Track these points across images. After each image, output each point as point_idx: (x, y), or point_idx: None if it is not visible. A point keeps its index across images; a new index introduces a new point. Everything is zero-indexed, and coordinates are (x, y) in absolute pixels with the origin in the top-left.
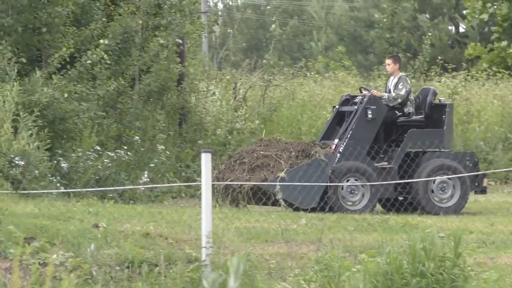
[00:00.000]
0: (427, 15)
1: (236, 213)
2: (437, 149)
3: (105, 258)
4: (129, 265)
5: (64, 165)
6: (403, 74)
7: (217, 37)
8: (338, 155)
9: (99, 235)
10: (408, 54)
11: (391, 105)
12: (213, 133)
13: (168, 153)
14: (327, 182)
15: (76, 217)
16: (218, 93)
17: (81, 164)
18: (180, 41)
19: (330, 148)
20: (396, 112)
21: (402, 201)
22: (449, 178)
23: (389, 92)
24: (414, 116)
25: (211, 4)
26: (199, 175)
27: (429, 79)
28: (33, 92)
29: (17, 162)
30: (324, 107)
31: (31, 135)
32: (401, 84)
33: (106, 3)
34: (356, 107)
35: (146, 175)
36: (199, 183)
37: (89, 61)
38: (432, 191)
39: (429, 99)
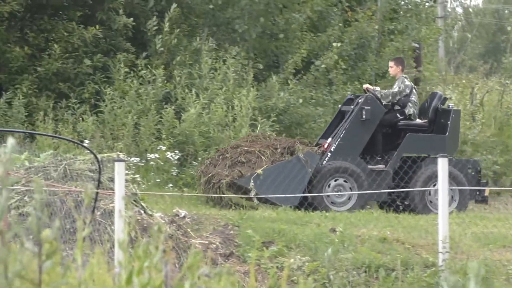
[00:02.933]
0: None
1: (473, 218)
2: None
3: (342, 262)
4: (366, 270)
5: None
6: (403, 75)
7: (455, 42)
8: (329, 154)
9: (336, 240)
10: None
11: (384, 102)
12: None
13: None
14: (307, 181)
15: (313, 222)
16: (454, 97)
17: None
18: (417, 46)
19: (323, 147)
20: (398, 115)
21: (400, 205)
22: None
23: None
24: (417, 120)
25: (449, 8)
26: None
27: None
28: (269, 97)
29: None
30: None
31: None
32: (396, 83)
33: (343, 9)
34: (352, 107)
35: None
36: (434, 188)
37: (323, 65)
38: (429, 194)
39: (434, 103)
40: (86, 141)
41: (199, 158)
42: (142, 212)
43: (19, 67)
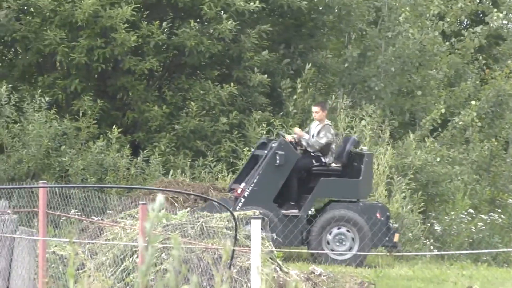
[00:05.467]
0: None
1: None
2: (348, 199)
3: None
4: None
5: (437, 228)
6: (328, 122)
7: None
8: (243, 199)
9: None
10: None
11: (310, 150)
12: None
13: None
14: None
15: (450, 280)
16: None
17: (455, 227)
18: None
19: (236, 192)
20: (313, 160)
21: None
22: (347, 231)
23: (312, 138)
24: (332, 165)
25: None
26: None
27: None
28: (406, 155)
29: (391, 224)
30: None
31: (404, 197)
32: (323, 132)
33: (480, 66)
34: (266, 151)
35: None
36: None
37: (460, 122)
38: (328, 243)
39: (348, 147)
40: None
41: None
42: (278, 269)
43: (157, 126)
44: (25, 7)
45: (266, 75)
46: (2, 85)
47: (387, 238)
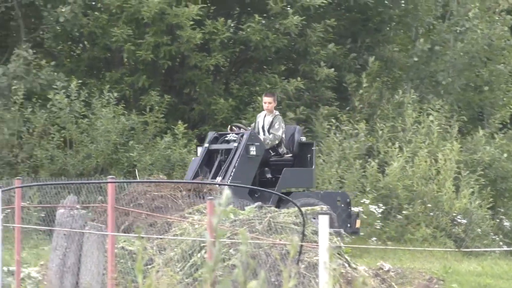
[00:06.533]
0: None
1: None
2: (305, 189)
3: None
4: None
5: (506, 223)
6: (277, 113)
7: None
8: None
9: None
10: None
11: (268, 147)
12: None
13: None
14: None
15: None
16: None
17: None
18: None
19: None
20: (270, 151)
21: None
22: (313, 218)
23: (262, 129)
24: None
25: None
26: None
27: None
28: (475, 150)
29: (459, 220)
30: None
31: (472, 193)
32: (277, 124)
33: None
34: (236, 144)
35: None
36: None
37: None
38: None
39: (296, 137)
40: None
41: (404, 212)
42: (347, 265)
43: (224, 118)
44: (93, 2)
45: (332, 69)
46: (72, 80)
47: (348, 225)
